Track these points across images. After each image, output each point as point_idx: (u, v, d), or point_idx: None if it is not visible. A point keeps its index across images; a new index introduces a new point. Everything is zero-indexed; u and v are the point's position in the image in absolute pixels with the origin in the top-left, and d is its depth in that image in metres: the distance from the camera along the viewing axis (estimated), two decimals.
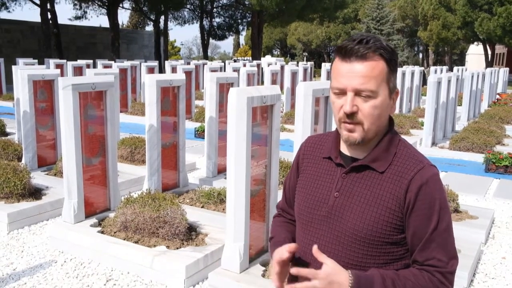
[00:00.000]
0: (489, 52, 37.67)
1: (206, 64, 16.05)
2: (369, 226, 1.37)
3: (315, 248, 1.33)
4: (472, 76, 11.37)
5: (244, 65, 15.70)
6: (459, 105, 11.89)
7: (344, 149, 1.48)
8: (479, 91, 12.75)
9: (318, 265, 1.35)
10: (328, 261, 1.32)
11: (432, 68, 17.95)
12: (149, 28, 42.59)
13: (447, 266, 1.34)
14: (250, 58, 32.66)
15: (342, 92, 1.36)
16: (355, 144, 1.39)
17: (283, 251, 1.38)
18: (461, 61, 54.03)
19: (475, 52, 46.34)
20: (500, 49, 43.65)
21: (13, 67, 7.15)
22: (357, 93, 1.34)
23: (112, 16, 27.47)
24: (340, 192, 1.43)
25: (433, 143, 8.34)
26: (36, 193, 4.82)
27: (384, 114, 1.39)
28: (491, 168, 6.85)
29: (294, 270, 1.33)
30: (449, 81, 8.97)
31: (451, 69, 27.10)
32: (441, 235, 1.35)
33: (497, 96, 15.90)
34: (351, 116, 1.35)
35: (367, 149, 1.43)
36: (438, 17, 37.57)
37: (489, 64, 36.44)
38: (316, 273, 1.29)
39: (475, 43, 39.50)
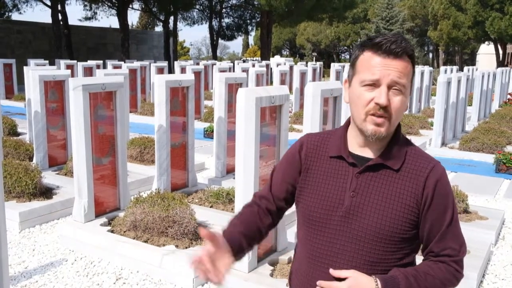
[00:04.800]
0: (500, 51, 37.32)
1: (215, 64, 16.09)
2: (390, 223, 1.41)
3: (331, 271, 1.41)
4: (483, 76, 11.29)
5: (253, 65, 15.72)
6: (469, 105, 11.81)
7: (352, 148, 1.49)
8: (490, 91, 12.65)
9: (335, 268, 1.43)
10: (349, 273, 1.38)
11: (442, 68, 17.83)
12: (159, 28, 42.78)
13: (459, 254, 1.45)
14: (259, 58, 32.68)
15: (374, 84, 1.37)
16: (379, 138, 1.42)
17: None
18: (471, 61, 53.60)
19: (486, 52, 45.94)
20: (511, 48, 43.24)
21: (25, 68, 7.23)
22: (390, 86, 1.37)
23: (122, 17, 27.63)
24: (356, 191, 1.44)
25: (443, 143, 8.29)
26: (47, 192, 4.87)
27: (405, 110, 1.46)
28: (502, 169, 6.80)
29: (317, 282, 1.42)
30: (459, 81, 8.91)
31: (461, 69, 26.90)
32: (454, 225, 1.45)
33: (508, 96, 15.76)
34: (384, 109, 1.37)
35: (377, 148, 1.45)
36: (448, 17, 37.28)
37: (500, 63, 36.11)
38: (338, 286, 1.37)
39: (486, 42, 39.15)
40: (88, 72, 12.83)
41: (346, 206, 1.44)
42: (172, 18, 32.80)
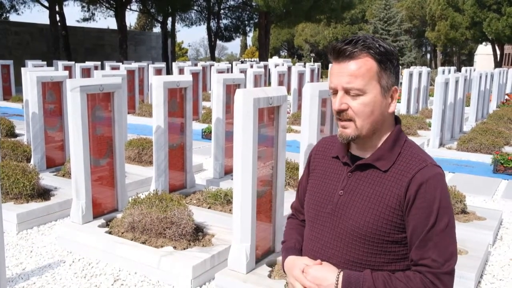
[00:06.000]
0: (498, 52, 37.40)
1: (213, 65, 16.09)
2: (369, 223, 1.39)
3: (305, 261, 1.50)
4: (480, 77, 11.31)
5: (251, 66, 15.72)
6: (467, 106, 11.82)
7: (352, 149, 1.52)
8: (488, 92, 12.67)
9: (323, 260, 1.46)
10: (319, 263, 1.45)
11: (440, 69, 17.85)
12: (157, 29, 42.73)
13: (441, 267, 1.33)
14: (257, 59, 32.68)
15: (335, 91, 1.43)
16: (349, 140, 1.44)
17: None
18: (469, 62, 53.67)
19: (484, 52, 46.02)
20: (509, 49, 43.32)
21: (22, 69, 7.22)
22: (346, 91, 1.39)
23: (120, 18, 27.61)
24: (345, 190, 1.46)
25: (441, 144, 8.30)
26: (44, 194, 4.86)
27: (377, 111, 1.41)
28: (499, 169, 6.81)
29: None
30: (456, 82, 8.93)
31: (459, 70, 26.94)
32: (439, 235, 1.35)
33: (506, 97, 15.78)
34: (341, 113, 1.41)
35: (372, 149, 1.46)
36: (446, 18, 37.35)
37: (497, 64, 36.18)
38: (307, 272, 1.44)
39: (484, 43, 39.24)
40: (86, 73, 12.82)
41: (334, 203, 1.47)
42: (170, 19, 32.79)
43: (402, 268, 1.41)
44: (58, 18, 25.99)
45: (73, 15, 38.96)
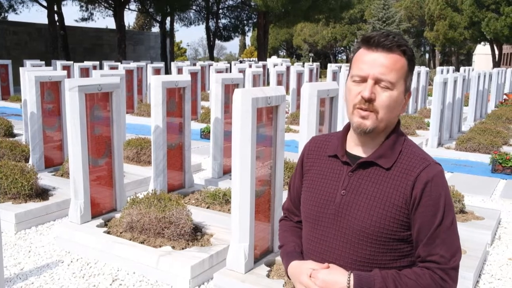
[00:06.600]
0: (496, 52, 37.44)
1: (212, 65, 16.08)
2: (376, 223, 1.39)
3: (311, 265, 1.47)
4: (479, 76, 11.32)
5: (250, 66, 15.71)
6: (465, 106, 11.83)
7: (350, 148, 1.51)
8: (486, 92, 12.68)
9: (329, 261, 1.45)
10: (327, 266, 1.43)
11: (439, 69, 17.87)
12: (156, 29, 42.75)
13: (448, 263, 1.37)
14: (256, 59, 32.67)
15: (362, 80, 1.40)
16: (366, 133, 1.41)
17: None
18: (468, 61, 53.75)
19: (482, 52, 46.06)
20: (507, 49, 43.36)
21: (21, 69, 7.20)
22: (377, 82, 1.38)
23: (119, 17, 27.59)
24: (347, 190, 1.45)
25: (439, 144, 8.31)
26: (43, 193, 4.86)
27: (397, 108, 1.42)
28: (498, 169, 6.82)
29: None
30: (455, 81, 8.93)
31: (457, 69, 26.97)
32: (446, 231, 1.38)
33: (504, 97, 15.80)
34: (368, 103, 1.38)
35: (372, 146, 1.46)
36: (444, 17, 37.39)
37: (496, 64, 36.22)
38: (314, 276, 1.41)
39: (482, 43, 39.27)
40: (85, 73, 12.81)
41: (336, 204, 1.46)
42: (168, 18, 32.78)
43: (407, 265, 1.43)
44: (56, 18, 25.97)
45: (72, 14, 39.03)
